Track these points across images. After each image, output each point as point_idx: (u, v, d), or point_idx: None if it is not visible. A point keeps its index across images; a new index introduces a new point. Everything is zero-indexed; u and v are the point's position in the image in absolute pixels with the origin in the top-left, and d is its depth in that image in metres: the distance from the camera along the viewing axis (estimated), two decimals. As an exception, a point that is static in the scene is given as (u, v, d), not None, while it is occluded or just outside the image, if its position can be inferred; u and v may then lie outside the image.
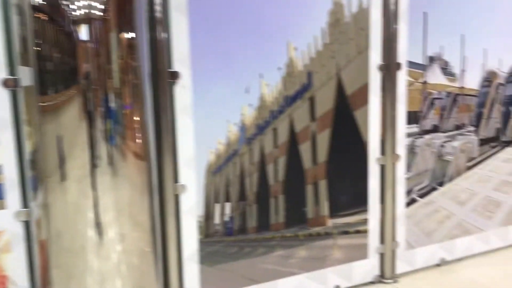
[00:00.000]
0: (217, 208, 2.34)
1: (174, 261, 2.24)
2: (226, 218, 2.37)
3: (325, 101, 2.52)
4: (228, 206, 2.37)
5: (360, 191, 2.69)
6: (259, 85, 2.34)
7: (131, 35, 1.93)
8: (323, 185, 2.57)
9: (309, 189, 2.54)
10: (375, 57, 2.61)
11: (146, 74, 2.03)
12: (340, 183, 2.63)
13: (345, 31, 2.51)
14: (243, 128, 2.34)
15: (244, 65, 2.30)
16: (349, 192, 2.66)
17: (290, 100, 2.43)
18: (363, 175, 2.67)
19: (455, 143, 2.95)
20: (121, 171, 1.90)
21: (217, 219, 2.35)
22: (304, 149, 2.50)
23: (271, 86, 2.37)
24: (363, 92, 2.61)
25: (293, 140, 2.47)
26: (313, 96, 2.48)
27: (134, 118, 1.96)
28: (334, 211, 2.63)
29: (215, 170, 2.30)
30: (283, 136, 2.44)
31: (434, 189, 2.91)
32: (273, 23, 2.36)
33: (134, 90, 1.95)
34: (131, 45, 1.93)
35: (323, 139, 2.54)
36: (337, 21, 2.48)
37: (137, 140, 1.97)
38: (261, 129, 2.38)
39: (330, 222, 2.62)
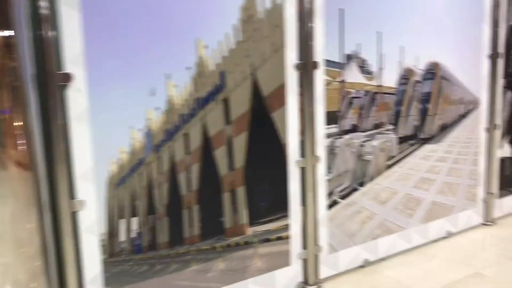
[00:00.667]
0: (122, 224, 2.12)
1: (74, 286, 1.99)
2: (133, 235, 2.15)
3: (241, 103, 2.37)
4: (135, 221, 2.15)
5: (280, 196, 2.56)
6: (166, 86, 2.14)
7: (7, 33, 1.66)
8: (241, 192, 2.42)
9: (226, 197, 2.38)
10: (292, 55, 2.49)
11: (29, 76, 1.77)
12: (260, 189, 2.49)
13: (259, 28, 2.37)
14: (149, 134, 2.12)
15: (148, 65, 2.09)
16: (269, 198, 2.53)
17: (202, 102, 2.25)
18: (283, 179, 2.55)
19: (375, 142, 2.91)
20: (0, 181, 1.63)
21: (122, 236, 2.12)
22: (220, 154, 2.33)
23: (180, 88, 2.18)
24: (280, 93, 2.48)
25: (207, 146, 2.29)
26: (227, 98, 2.32)
27: (15, 123, 1.69)
28: (254, 219, 2.48)
29: (118, 182, 2.07)
30: (196, 141, 2.26)
31: (355, 189, 2.86)
32: (180, 19, 2.16)
33: (13, 93, 1.68)
34: (7, 44, 1.66)
35: (240, 143, 2.38)
36: (250, 18, 2.33)
37: (19, 148, 1.71)
38: (170, 134, 2.18)
39: (250, 231, 2.48)
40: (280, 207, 2.57)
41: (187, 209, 2.28)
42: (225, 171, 2.36)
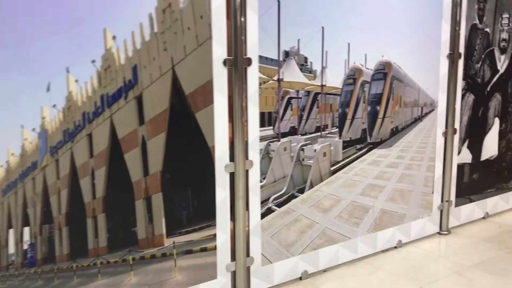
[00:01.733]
0: (11, 234, 1.89)
1: (-51, 304, 1.76)
2: (25, 246, 1.93)
3: (158, 101, 2.14)
4: (27, 231, 1.92)
5: (206, 204, 2.35)
6: (66, 81, 1.91)
7: None
8: (157, 199, 2.20)
9: (140, 204, 2.16)
10: (220, 50, 2.27)
11: None
12: (181, 196, 2.28)
13: (180, 19, 2.14)
14: (44, 134, 1.89)
15: (44, 57, 1.85)
16: (192, 206, 2.32)
17: (109, 100, 2.03)
18: (210, 185, 2.34)
19: (316, 146, 2.70)
20: None
21: (12, 248, 1.90)
22: (131, 157, 2.11)
23: (82, 83, 1.95)
24: (206, 90, 2.26)
25: (116, 148, 2.06)
26: (141, 95, 2.09)
27: None
28: (174, 229, 2.27)
29: (5, 189, 1.84)
30: (102, 143, 2.03)
31: (294, 196, 2.66)
32: (85, 5, 1.93)
33: None
34: None
35: (157, 145, 2.16)
36: (169, 6, 2.10)
37: None
38: (70, 135, 1.95)
39: (169, 242, 2.26)
40: (205, 215, 2.36)
41: (92, 218, 2.05)
42: (138, 176, 2.14)
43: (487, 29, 3.47)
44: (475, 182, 3.62)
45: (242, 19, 2.29)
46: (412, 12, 3.00)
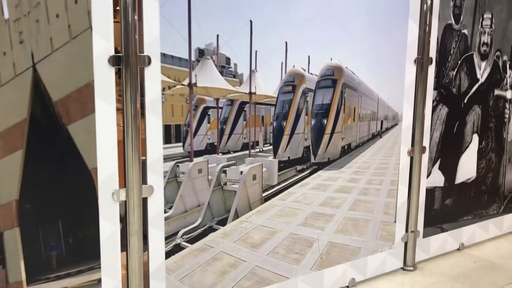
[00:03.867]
0: None
1: None
2: None
3: (11, 110, 1.63)
4: None
5: (86, 241, 1.84)
6: None
7: None
8: (12, 236, 1.69)
9: (-16, 244, 1.65)
10: (104, 45, 1.76)
11: None
12: (49, 232, 1.77)
13: (45, 3, 1.64)
14: None
15: None
16: (65, 244, 1.81)
17: None
18: (91, 217, 1.83)
19: (243, 168, 2.20)
20: None
21: None
22: (-28, 183, 1.60)
23: None
24: (83, 96, 1.75)
25: None
26: (-16, 101, 1.59)
27: None
28: (39, 274, 1.76)
29: None
30: None
31: (211, 229, 2.15)
32: None
33: None
34: None
35: (10, 167, 1.65)
36: (25, -14, 1.60)
37: None
38: None
39: (31, 290, 1.75)
40: (85, 256, 1.84)
41: None
42: (-17, 208, 1.63)
43: (465, 31, 2.97)
44: (448, 208, 3.11)
45: (137, 5, 1.79)
46: (371, 7, 2.49)
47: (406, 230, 2.88)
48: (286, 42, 2.19)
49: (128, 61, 1.80)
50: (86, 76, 1.74)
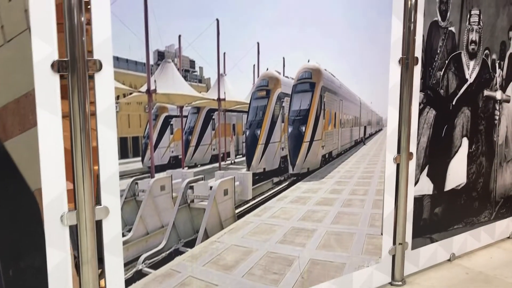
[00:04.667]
0: None
1: None
2: None
3: None
4: None
5: (30, 272, 1.61)
6: None
7: None
8: None
9: None
10: (46, 49, 1.54)
11: None
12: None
13: (-30, 0, 1.42)
14: None
15: None
16: (5, 277, 1.58)
17: None
18: (37, 244, 1.60)
19: (213, 182, 1.98)
20: None
21: None
22: None
23: None
24: (22, 108, 1.53)
25: None
26: None
27: None
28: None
29: None
30: None
31: (178, 252, 1.93)
32: None
33: None
34: None
35: None
36: None
37: None
38: None
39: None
40: (33, 286, 1.62)
41: None
42: None
43: (452, 28, 2.79)
44: (438, 217, 2.93)
45: (83, 2, 1.57)
46: (351, 3, 2.30)
47: (394, 243, 2.68)
48: (258, 43, 1.98)
49: (74, 67, 1.58)
50: (26, 85, 1.52)
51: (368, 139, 2.50)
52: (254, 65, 2.00)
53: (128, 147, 1.75)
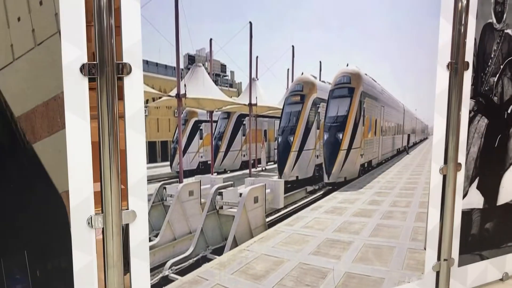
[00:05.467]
0: None
1: None
2: None
3: (-33, 126, 1.45)
4: None
5: (57, 273, 1.63)
6: None
7: None
8: (-32, 269, 1.50)
9: None
10: (75, 52, 1.55)
11: None
12: (12, 263, 1.57)
13: (3, 4, 1.44)
14: None
15: None
16: (32, 277, 1.60)
17: None
18: (63, 246, 1.62)
19: (243, 189, 1.93)
20: None
21: None
22: None
23: None
24: (51, 111, 1.54)
25: None
26: None
27: None
28: (1, 310, 1.56)
29: None
30: None
31: (206, 259, 1.89)
32: None
33: None
34: None
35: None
36: (-21, -15, 1.41)
37: None
38: None
39: (-8, 330, 1.55)
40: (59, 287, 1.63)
41: None
42: None
43: (509, 31, 2.59)
44: (489, 233, 2.73)
45: (113, 5, 1.57)
46: (394, 4, 2.18)
47: (438, 258, 2.52)
48: (293, 46, 1.91)
49: (103, 70, 1.58)
50: (54, 88, 1.53)
51: (411, 148, 2.36)
52: (288, 69, 1.93)
53: (156, 151, 1.74)
